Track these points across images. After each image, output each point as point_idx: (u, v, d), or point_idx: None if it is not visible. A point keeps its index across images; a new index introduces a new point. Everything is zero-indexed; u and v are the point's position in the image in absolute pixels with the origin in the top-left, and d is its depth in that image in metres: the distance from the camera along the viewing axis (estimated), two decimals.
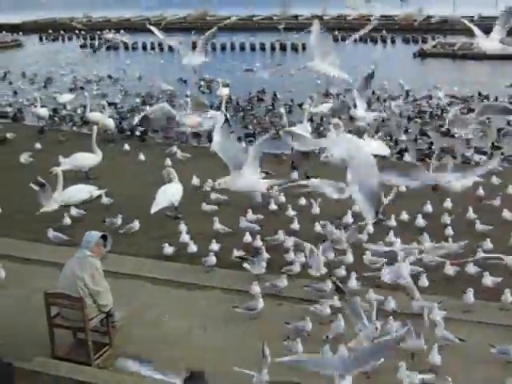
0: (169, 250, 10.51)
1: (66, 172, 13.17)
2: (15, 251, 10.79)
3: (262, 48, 37.67)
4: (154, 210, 11.50)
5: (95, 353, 7.70)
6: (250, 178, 10.63)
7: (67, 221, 11.82)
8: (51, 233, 11.16)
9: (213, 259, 9.97)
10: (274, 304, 8.83)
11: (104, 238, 8.11)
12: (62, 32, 45.84)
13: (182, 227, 11.13)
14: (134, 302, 9.02)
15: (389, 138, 17.24)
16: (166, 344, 7.96)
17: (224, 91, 21.03)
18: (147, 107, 20.99)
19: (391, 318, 7.82)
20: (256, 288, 8.81)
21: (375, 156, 7.66)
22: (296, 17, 46.22)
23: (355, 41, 36.93)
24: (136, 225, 11.43)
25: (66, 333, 7.90)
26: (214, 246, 10.38)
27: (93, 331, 7.77)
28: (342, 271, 9.37)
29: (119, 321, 8.24)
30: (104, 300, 7.78)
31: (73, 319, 7.66)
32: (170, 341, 8.06)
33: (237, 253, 10.00)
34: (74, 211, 12.09)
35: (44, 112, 20.34)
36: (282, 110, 18.37)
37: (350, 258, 9.77)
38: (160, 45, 37.75)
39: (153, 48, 38.85)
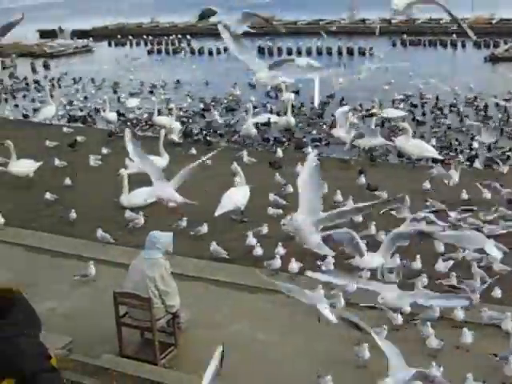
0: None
1: (133, 175, 13.44)
2: (86, 252, 11.09)
3: (329, 52, 37.47)
4: (218, 212, 11.56)
5: (161, 353, 7.82)
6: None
7: (141, 221, 12.11)
8: (99, 232, 11.46)
9: (277, 262, 9.97)
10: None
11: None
12: (130, 37, 46.81)
13: (249, 231, 11.17)
14: (198, 303, 9.09)
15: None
16: (229, 346, 7.99)
17: (288, 96, 21.02)
18: (214, 112, 21.40)
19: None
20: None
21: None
22: (363, 21, 45.78)
23: (425, 45, 36.74)
24: (204, 228, 11.56)
25: (134, 332, 8.06)
26: (280, 250, 10.36)
27: (159, 331, 7.89)
28: None
29: (185, 322, 8.35)
30: (172, 301, 7.88)
31: (141, 319, 7.80)
32: (233, 343, 8.09)
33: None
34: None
35: (113, 116, 20.85)
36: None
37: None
38: (226, 49, 38.06)
39: (219, 53, 39.20)
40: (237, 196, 11.97)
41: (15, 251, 11.43)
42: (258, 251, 10.50)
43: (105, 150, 16.98)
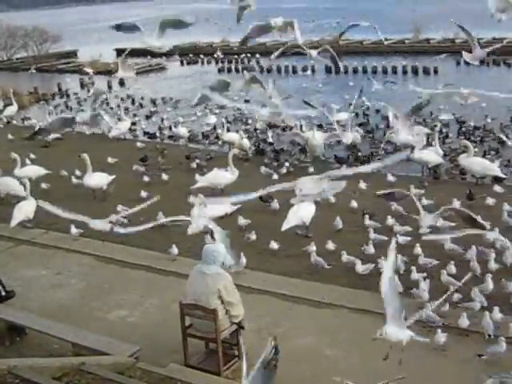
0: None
1: (203, 189, 13.72)
2: (155, 263, 11.42)
3: (394, 71, 37.25)
4: (284, 227, 11.69)
5: (225, 364, 7.92)
6: None
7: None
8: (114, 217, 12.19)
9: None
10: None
11: None
12: (201, 56, 47.80)
13: (312, 246, 11.25)
14: (263, 317, 9.21)
15: None
16: (294, 360, 8.06)
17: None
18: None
19: None
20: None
21: None
22: (428, 40, 45.46)
23: (488, 64, 35.98)
24: (274, 245, 11.70)
25: (199, 342, 8.20)
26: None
27: (224, 342, 8.00)
28: None
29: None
30: (236, 311, 8.01)
31: (205, 330, 7.93)
32: (298, 357, 8.14)
33: None
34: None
35: (184, 132, 21.49)
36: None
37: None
38: (294, 68, 38.54)
39: (286, 71, 39.55)
40: (303, 212, 12.06)
41: (88, 261, 11.88)
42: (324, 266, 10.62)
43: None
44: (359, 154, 18.62)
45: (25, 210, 13.14)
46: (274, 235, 11.84)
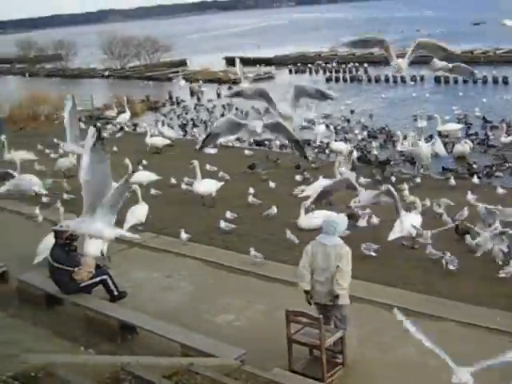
0: None
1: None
2: (261, 270, 11.63)
3: (505, 82, 35.88)
4: (391, 237, 11.70)
5: (328, 371, 7.98)
6: None
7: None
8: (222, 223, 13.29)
9: None
10: None
11: None
12: (309, 65, 48.03)
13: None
14: (367, 324, 9.21)
15: None
16: (399, 369, 8.01)
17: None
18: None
19: None
20: None
21: None
22: None
23: None
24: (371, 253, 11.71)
25: (303, 348, 8.29)
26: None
27: (328, 350, 8.06)
28: None
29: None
30: (342, 282, 8.11)
31: (310, 337, 8.05)
32: (403, 367, 8.10)
33: None
34: None
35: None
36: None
37: None
38: (403, 78, 38.10)
39: (395, 81, 39.11)
40: (409, 223, 11.94)
41: (197, 265, 12.25)
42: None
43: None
44: (473, 165, 18.20)
45: (137, 213, 13.78)
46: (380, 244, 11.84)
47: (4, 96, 32.11)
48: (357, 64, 43.98)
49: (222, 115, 29.17)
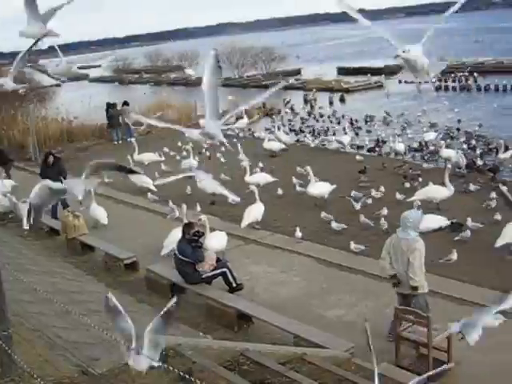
0: None
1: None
2: (372, 269, 11.67)
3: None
4: (499, 243, 11.78)
5: (434, 369, 8.16)
6: None
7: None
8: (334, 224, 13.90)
9: None
10: None
11: None
12: None
13: None
14: None
15: None
16: (505, 374, 8.12)
17: None
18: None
19: None
20: None
21: None
22: None
23: None
24: (454, 255, 11.80)
25: (411, 346, 8.58)
26: None
27: (434, 348, 8.30)
28: None
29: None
30: (414, 275, 8.66)
31: (418, 334, 8.35)
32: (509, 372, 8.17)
33: None
34: None
35: (400, 147, 21.91)
36: None
37: None
38: None
39: (504, 90, 38.13)
40: None
41: (310, 262, 12.77)
42: None
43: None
44: None
45: (254, 212, 14.56)
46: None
47: (133, 103, 33.84)
48: (467, 73, 43.39)
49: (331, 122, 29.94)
